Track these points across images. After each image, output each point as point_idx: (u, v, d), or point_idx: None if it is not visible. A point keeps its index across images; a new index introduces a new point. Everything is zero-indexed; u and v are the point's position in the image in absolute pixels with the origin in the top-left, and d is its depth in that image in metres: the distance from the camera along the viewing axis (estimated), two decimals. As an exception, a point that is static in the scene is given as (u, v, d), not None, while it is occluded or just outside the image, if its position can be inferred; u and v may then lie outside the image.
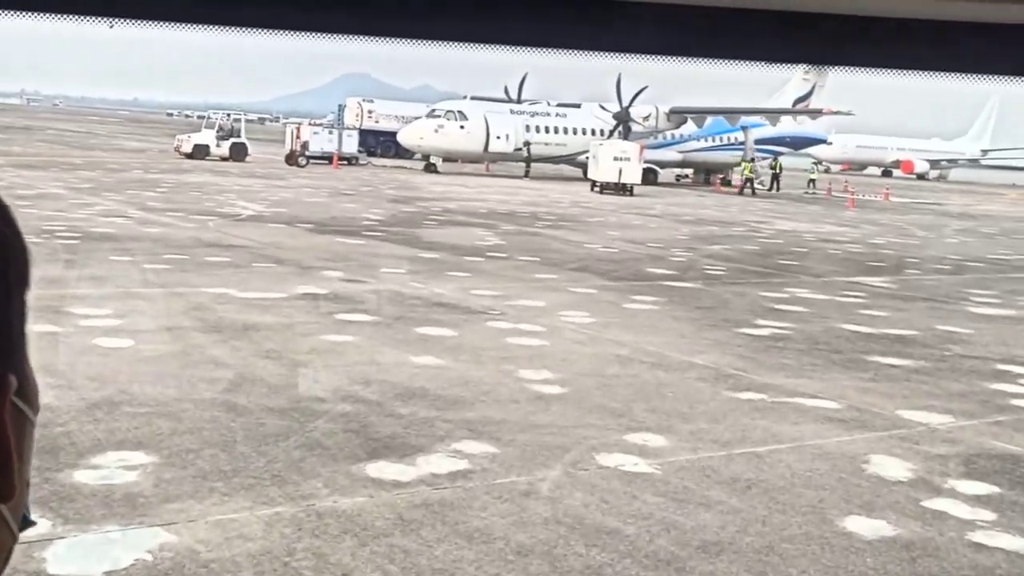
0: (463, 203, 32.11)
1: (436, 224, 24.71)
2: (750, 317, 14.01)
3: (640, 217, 31.64)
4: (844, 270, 20.74)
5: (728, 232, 28.32)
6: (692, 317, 13.71)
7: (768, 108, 55.23)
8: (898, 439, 8.46)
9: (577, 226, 26.83)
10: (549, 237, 23.35)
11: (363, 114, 68.54)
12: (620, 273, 17.88)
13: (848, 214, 41.14)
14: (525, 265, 18.05)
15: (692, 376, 10.23)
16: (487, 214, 28.53)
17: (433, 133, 50.62)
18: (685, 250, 22.55)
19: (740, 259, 21.35)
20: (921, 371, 11.23)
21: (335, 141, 52.55)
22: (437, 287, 14.78)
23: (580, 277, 17.00)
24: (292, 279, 14.60)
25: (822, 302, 15.96)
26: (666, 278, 17.59)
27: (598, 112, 54.73)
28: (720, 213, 36.22)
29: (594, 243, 22.65)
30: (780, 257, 22.39)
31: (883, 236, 30.49)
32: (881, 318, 14.72)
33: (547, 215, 29.64)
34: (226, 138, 48.14)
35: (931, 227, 36.43)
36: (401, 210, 27.87)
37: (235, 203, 26.35)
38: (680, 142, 57.25)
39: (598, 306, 14.15)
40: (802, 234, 29.09)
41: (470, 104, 53.06)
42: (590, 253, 20.67)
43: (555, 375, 9.84)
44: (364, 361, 9.92)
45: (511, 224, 25.92)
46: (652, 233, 26.40)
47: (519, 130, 52.35)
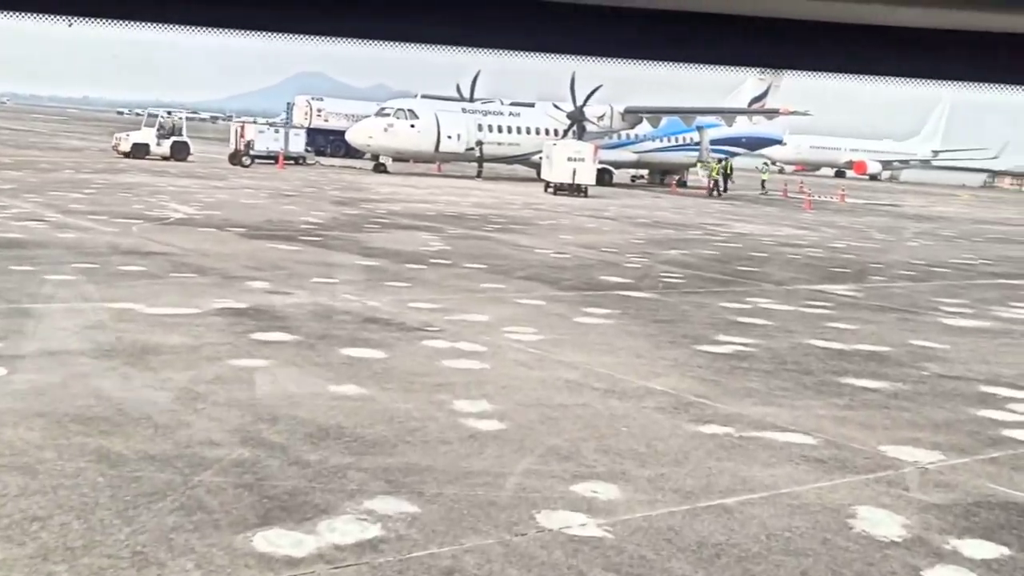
0: (410, 205, 30.83)
1: (379, 228, 23.42)
2: (711, 332, 12.90)
3: (594, 219, 30.54)
4: (807, 277, 19.75)
5: (684, 235, 27.30)
6: (649, 332, 12.57)
7: (724, 108, 54.50)
8: (885, 484, 7.35)
9: (528, 229, 25.67)
10: (498, 242, 22.15)
11: (312, 113, 67.00)
12: (572, 282, 16.72)
13: (805, 216, 40.36)
14: (470, 273, 16.83)
15: (649, 405, 9.08)
16: (434, 217, 27.27)
17: (382, 132, 49.25)
18: (641, 255, 21.45)
19: (698, 265, 20.29)
20: (900, 395, 10.16)
21: (281, 140, 50.98)
22: (372, 299, 13.52)
23: (529, 287, 15.82)
24: (211, 291, 13.27)
25: (786, 314, 14.90)
26: (621, 287, 16.46)
27: (552, 111, 53.64)
28: (676, 215, 35.24)
29: (545, 248, 21.49)
30: (739, 263, 21.37)
31: (843, 239, 29.63)
32: (850, 332, 13.68)
33: (498, 217, 28.44)
34: (167, 136, 46.43)
35: (890, 230, 35.70)
36: (343, 213, 26.54)
37: (166, 205, 24.87)
38: (635, 142, 56.33)
39: (547, 320, 12.98)
40: (760, 238, 28.14)
41: (421, 102, 51.75)
42: (541, 259, 19.50)
43: (494, 406, 8.64)
44: (275, 392, 8.65)
45: (459, 227, 24.69)
46: (606, 237, 25.30)
47: (471, 129, 51.12)
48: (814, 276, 19.98)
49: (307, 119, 66.69)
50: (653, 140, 56.84)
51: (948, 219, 46.43)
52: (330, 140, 63.81)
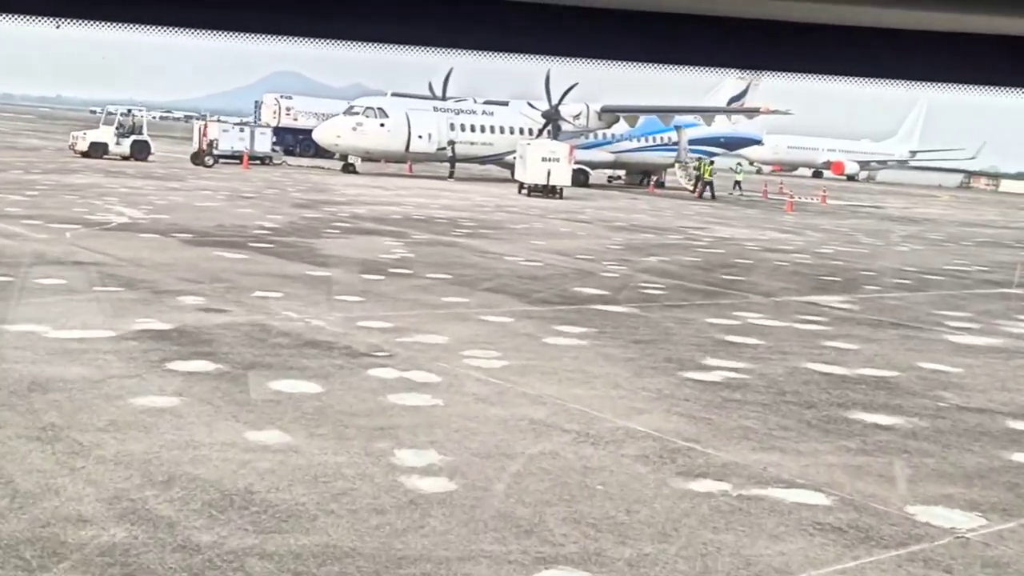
0: (376, 207, 29.31)
1: (339, 233, 21.90)
2: (698, 354, 11.49)
3: (569, 223, 29.11)
4: (796, 287, 18.39)
5: (664, 240, 25.92)
6: (628, 356, 11.14)
7: (703, 107, 53.17)
8: (922, 564, 5.95)
9: (499, 234, 24.21)
10: (466, 248, 20.69)
11: (280, 111, 65.28)
12: (543, 294, 15.27)
13: (788, 219, 39.11)
14: (432, 285, 15.36)
15: (630, 453, 7.64)
16: (400, 220, 25.77)
17: (351, 131, 47.64)
18: (618, 263, 20.05)
19: (680, 274, 18.90)
20: (919, 434, 8.78)
21: (247, 139, 49.30)
22: (317, 317, 12.03)
23: (496, 300, 14.36)
24: (135, 309, 11.74)
25: (779, 330, 13.51)
26: (597, 300, 15.03)
27: (526, 110, 52.21)
28: (654, 218, 33.88)
29: (516, 255, 20.04)
30: (724, 271, 20.00)
31: (829, 244, 28.34)
32: (851, 353, 12.30)
33: (467, 221, 26.97)
34: (127, 135, 44.67)
35: (876, 233, 34.48)
36: (303, 216, 24.99)
37: (112, 208, 23.26)
38: (612, 142, 54.99)
39: (514, 342, 11.52)
40: (743, 243, 26.81)
41: (391, 101, 50.18)
42: (511, 268, 18.05)
43: (444, 458, 7.19)
44: (178, 442, 7.16)
45: (425, 232, 23.21)
46: (582, 242, 23.88)
47: (443, 128, 49.61)
48: (804, 286, 18.62)
49: (276, 118, 65.02)
50: (630, 140, 55.50)
51: (933, 221, 45.32)
52: (299, 139, 62.14)
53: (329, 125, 49.13)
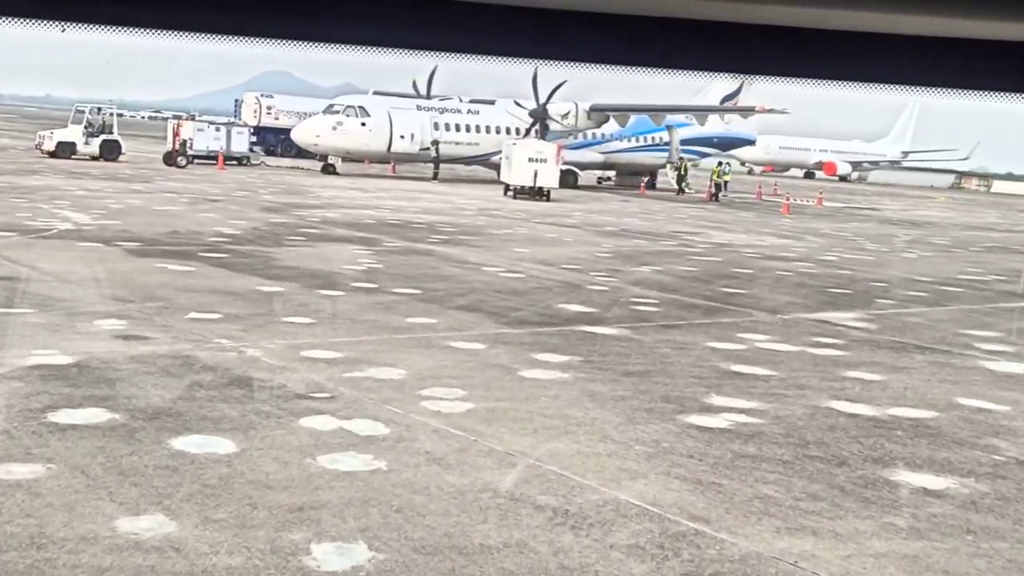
0: (351, 211, 27.53)
1: (304, 241, 20.12)
2: (700, 390, 9.76)
3: (555, 228, 27.37)
4: (804, 301, 16.68)
5: (657, 247, 24.20)
6: (618, 394, 9.41)
7: (696, 106, 51.44)
8: None
9: (479, 241, 22.46)
10: (442, 257, 18.94)
11: (261, 110, 63.55)
12: (522, 313, 13.53)
13: (785, 222, 37.44)
14: (397, 303, 13.60)
15: (621, 543, 5.90)
16: (374, 226, 24.00)
17: (331, 131, 45.85)
18: (607, 274, 18.31)
19: (676, 287, 17.17)
20: (979, 504, 7.05)
21: (223, 139, 47.46)
22: (255, 345, 10.27)
23: (468, 321, 12.61)
24: (37, 337, 9.96)
25: (791, 357, 11.79)
26: (583, 319, 13.29)
27: (513, 109, 50.47)
28: (646, 222, 32.16)
29: (496, 265, 18.30)
30: (723, 282, 18.28)
31: (832, 250, 26.64)
32: (877, 386, 10.58)
33: (447, 226, 25.21)
34: (96, 135, 42.79)
35: (879, 238, 32.81)
36: (269, 221, 23.20)
37: (59, 213, 21.44)
38: (602, 142, 53.33)
39: (484, 376, 9.78)
40: (742, 249, 25.09)
41: (372, 99, 48.42)
42: (488, 281, 16.30)
43: (375, 556, 5.44)
44: (22, 537, 5.39)
45: (399, 239, 21.45)
46: (568, 250, 22.14)
47: (426, 128, 47.85)
48: (812, 300, 16.91)
49: (256, 117, 63.26)
50: (621, 140, 53.85)
51: (934, 224, 43.71)
52: (281, 139, 60.35)
53: (308, 124, 47.33)
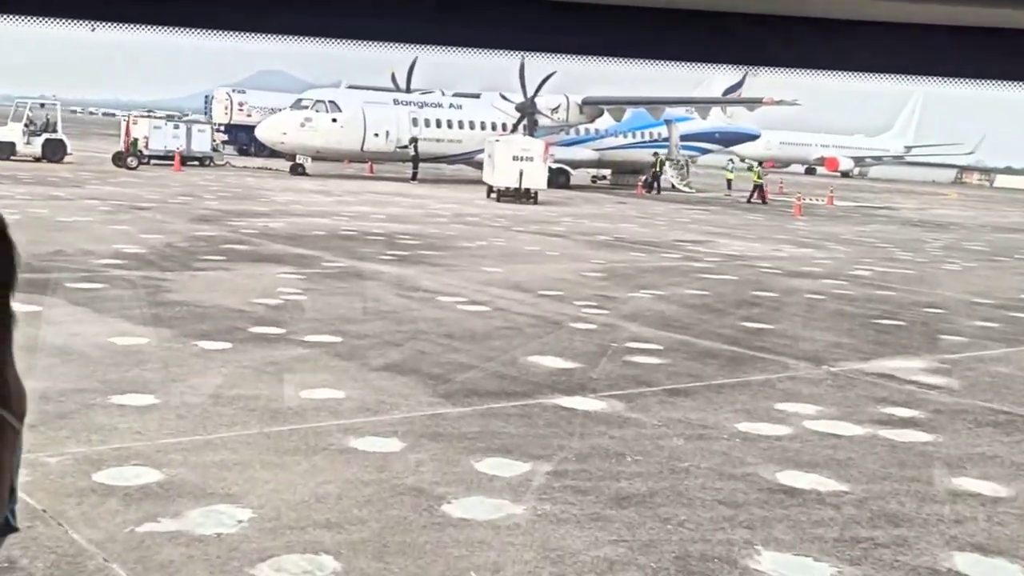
0: (302, 220, 23.70)
1: (222, 261, 16.28)
2: (736, 535, 5.96)
3: (539, 238, 23.54)
4: (851, 340, 12.85)
5: (658, 261, 20.37)
6: (602, 553, 5.60)
7: (697, 98, 47.36)
8: None
9: (444, 258, 18.65)
10: (390, 282, 15.13)
11: (233, 107, 59.74)
12: (474, 374, 9.70)
13: (799, 225, 33.62)
14: (299, 362, 9.78)
15: None
16: (320, 239, 20.17)
17: (298, 128, 42.01)
18: (597, 303, 14.49)
19: (683, 321, 13.36)
20: None
21: (182, 137, 43.57)
22: (34, 462, 6.44)
23: (391, 392, 8.80)
24: None
25: (860, 449, 7.98)
26: (558, 384, 9.48)
27: (499, 103, 46.65)
28: (644, 228, 28.32)
29: (456, 293, 14.50)
30: (743, 312, 14.47)
31: (861, 262, 22.83)
32: (1010, 515, 6.77)
33: (410, 238, 21.40)
34: (38, 133, 38.91)
35: (907, 244, 29.00)
36: (193, 235, 19.35)
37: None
38: (596, 138, 49.54)
39: (381, 521, 5.97)
40: (757, 263, 21.27)
41: (344, 93, 44.58)
42: (440, 319, 12.49)
43: None
44: None
45: (344, 257, 17.62)
46: (551, 268, 18.31)
47: (404, 124, 44.00)
48: (860, 337, 13.08)
49: (228, 114, 59.47)
50: (616, 135, 50.07)
51: (960, 226, 39.89)
52: (254, 137, 56.38)
53: (273, 121, 43.50)
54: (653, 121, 49.29)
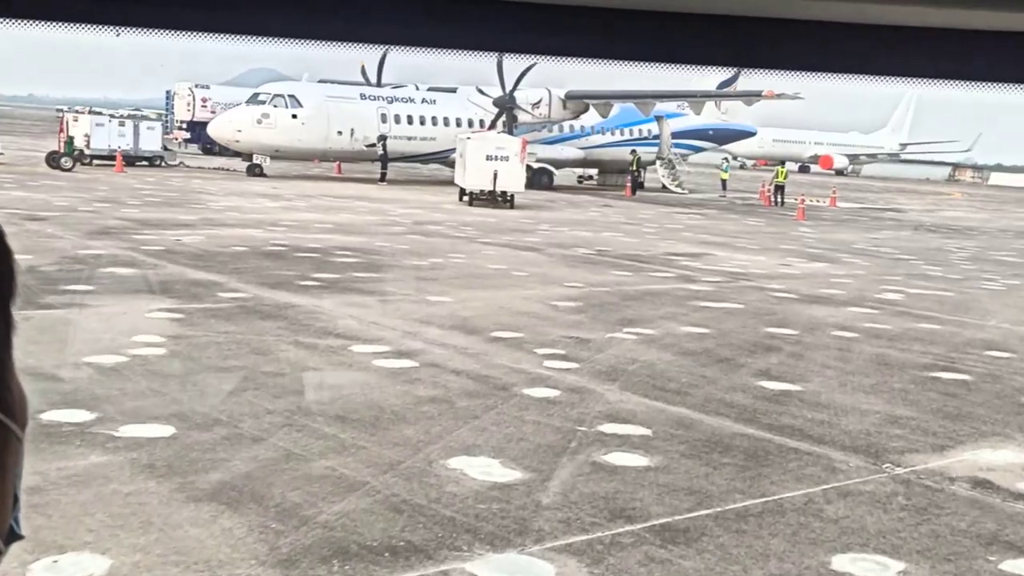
0: (228, 232, 20.13)
1: (87, 292, 12.69)
2: None
3: (508, 252, 20.00)
4: (910, 411, 9.32)
5: (647, 282, 16.85)
6: None
7: (690, 92, 43.65)
8: None
9: (383, 282, 15.11)
10: (295, 322, 11.59)
11: (195, 103, 56.06)
12: (348, 505, 6.15)
13: (804, 231, 30.13)
14: (81, 482, 6.22)
15: None
16: (238, 257, 16.61)
17: (254, 125, 38.41)
18: (563, 354, 10.94)
19: (679, 381, 9.83)
20: None
21: (129, 135, 39.89)
22: None
23: (196, 552, 5.26)
24: None
25: None
26: (482, 530, 5.97)
27: (476, 97, 43.07)
28: (631, 237, 24.79)
29: (378, 337, 10.96)
30: (756, 363, 10.95)
31: (887, 279, 19.34)
32: None
33: (351, 254, 17.85)
34: (-35, 132, 35.20)
35: (929, 254, 25.53)
36: (77, 253, 15.75)
37: None
38: (581, 135, 45.99)
39: None
40: (764, 282, 17.77)
41: (306, 87, 40.91)
42: (338, 386, 8.97)
43: None
44: None
45: (254, 283, 14.06)
46: (514, 294, 14.78)
47: (371, 121, 40.40)
48: (923, 407, 9.56)
49: (190, 110, 55.82)
50: (603, 133, 46.53)
51: (977, 230, 36.51)
52: (217, 136, 52.80)
53: (227, 118, 39.88)
54: (642, 117, 45.76)
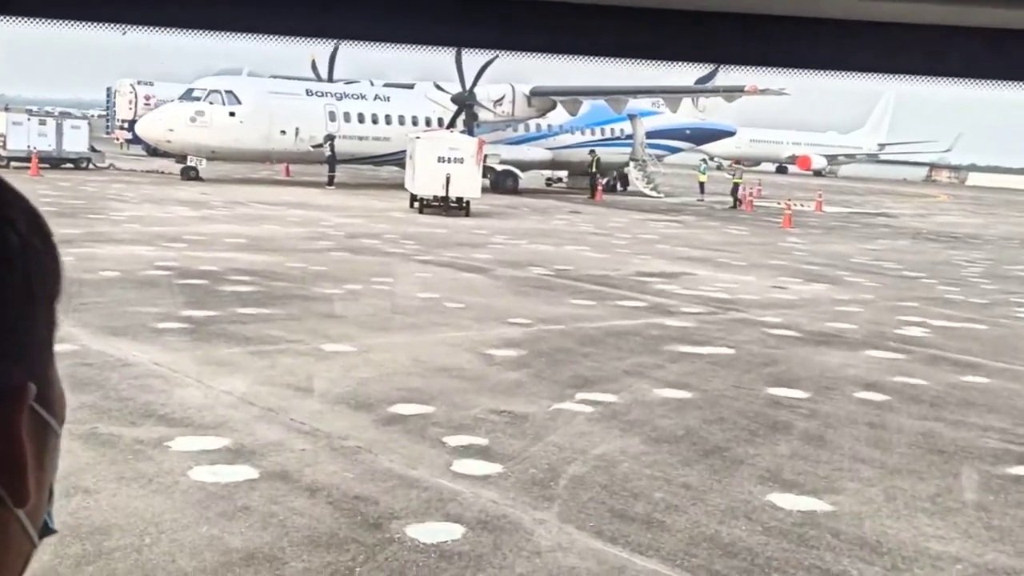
0: (109, 249, 16.69)
1: None
2: None
3: (448, 275, 16.65)
4: (1001, 547, 6.08)
5: (612, 316, 13.55)
6: None
7: (668, 87, 40.05)
8: None
9: (271, 321, 11.74)
10: (117, 392, 8.24)
11: (138, 101, 52.41)
12: None
13: (794, 242, 26.94)
14: None
15: None
16: (99, 285, 13.19)
17: (188, 123, 34.83)
18: (484, 445, 7.62)
19: (650, 498, 6.54)
20: None
21: (51, 135, 36.28)
22: None
23: None
24: None
25: None
26: None
27: (433, 93, 39.65)
28: (598, 251, 21.50)
29: (222, 421, 7.62)
30: (760, 454, 7.68)
31: (903, 307, 16.14)
32: None
33: (249, 279, 14.48)
34: None
35: (939, 270, 22.38)
36: None
37: None
38: (548, 135, 42.67)
39: None
40: (758, 312, 14.53)
41: (245, 82, 37.33)
42: (103, 530, 5.61)
43: None
44: None
45: (96, 326, 10.65)
46: (440, 337, 11.42)
47: (318, 119, 36.97)
48: (1017, 538, 6.32)
49: (132, 108, 52.16)
50: (572, 132, 43.19)
51: (978, 238, 33.51)
52: (161, 136, 49.18)
53: (157, 116, 36.30)
54: (614, 116, 42.46)
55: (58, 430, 0.75)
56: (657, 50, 1.10)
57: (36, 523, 0.73)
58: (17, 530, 0.71)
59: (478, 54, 1.19)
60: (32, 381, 0.70)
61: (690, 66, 1.14)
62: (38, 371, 0.72)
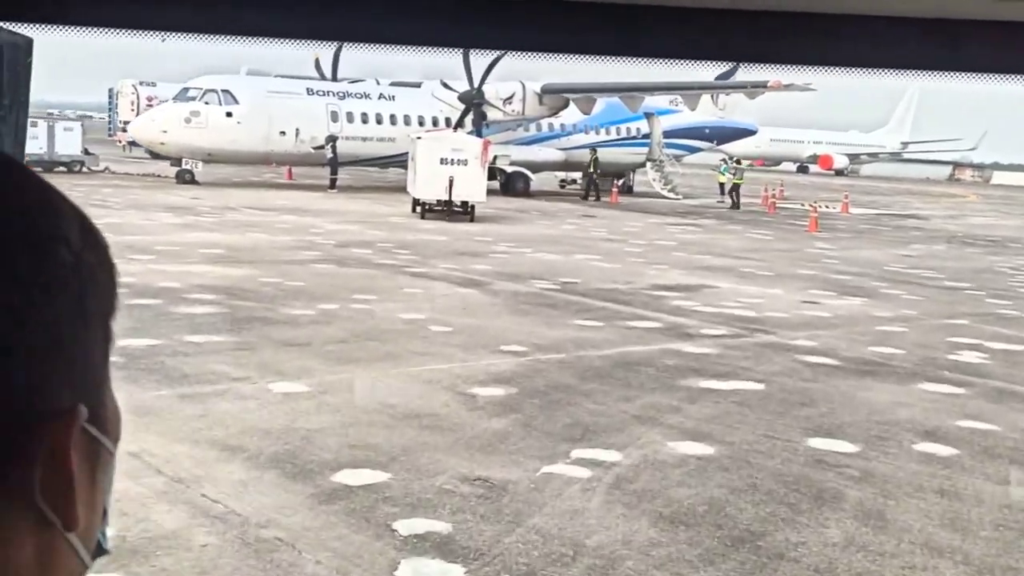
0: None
1: None
2: None
3: (441, 289, 14.93)
4: None
5: (622, 342, 11.77)
6: None
7: (685, 84, 38.02)
8: None
9: (220, 349, 10.05)
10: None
11: (140, 102, 50.99)
12: None
13: (822, 248, 25.09)
14: None
15: None
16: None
17: (183, 125, 33.26)
18: (449, 529, 5.89)
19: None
20: None
21: (43, 139, 34.82)
22: None
23: None
24: None
25: None
26: None
27: (440, 92, 37.96)
28: (610, 261, 19.72)
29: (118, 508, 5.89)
30: (802, 542, 5.93)
31: (953, 326, 14.31)
32: None
33: (213, 297, 12.83)
34: None
35: (983, 279, 20.50)
36: None
37: None
38: (561, 134, 40.89)
39: None
40: (788, 334, 12.73)
41: (243, 81, 35.73)
42: None
43: None
44: None
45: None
46: (416, 370, 9.69)
47: (320, 120, 35.34)
48: None
49: (134, 110, 50.74)
50: (586, 132, 41.38)
51: (1018, 241, 31.54)
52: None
53: (150, 117, 34.80)
54: (630, 114, 40.62)
55: (112, 449, 0.73)
56: (672, 49, 1.07)
57: (89, 544, 0.71)
58: (68, 553, 0.69)
59: (483, 55, 1.02)
60: (84, 401, 0.68)
61: (705, 64, 1.12)
62: (91, 391, 0.70)
